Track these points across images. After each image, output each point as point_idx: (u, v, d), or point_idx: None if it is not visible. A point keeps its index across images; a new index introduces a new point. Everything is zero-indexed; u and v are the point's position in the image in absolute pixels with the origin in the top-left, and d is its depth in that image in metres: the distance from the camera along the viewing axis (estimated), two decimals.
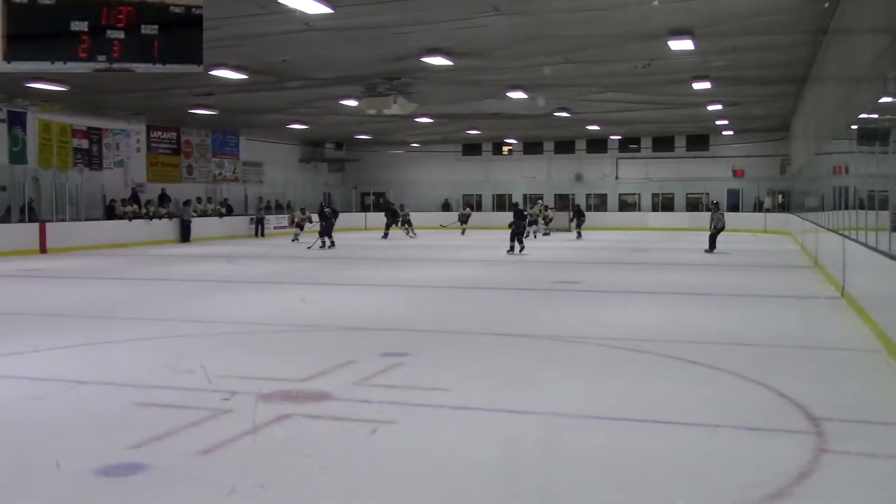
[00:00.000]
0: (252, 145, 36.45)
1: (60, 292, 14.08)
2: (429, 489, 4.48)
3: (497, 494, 4.42)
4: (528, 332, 9.36)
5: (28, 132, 25.11)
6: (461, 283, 14.71)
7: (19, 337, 9.19)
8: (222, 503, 4.24)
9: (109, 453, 4.98)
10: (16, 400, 6.47)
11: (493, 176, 41.81)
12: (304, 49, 16.44)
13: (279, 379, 6.85)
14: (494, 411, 6.01)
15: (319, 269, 17.83)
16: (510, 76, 19.97)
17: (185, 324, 10.24)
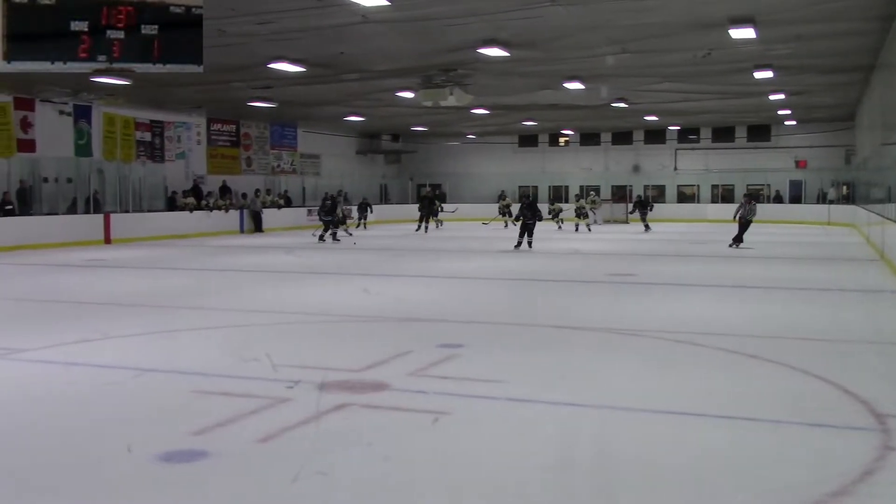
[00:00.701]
0: (310, 137, 36.80)
1: (125, 282, 14.42)
2: (486, 481, 4.49)
3: (553, 487, 4.42)
4: (583, 325, 9.31)
5: (93, 125, 25.73)
6: (517, 275, 14.68)
7: (87, 325, 9.44)
8: (286, 490, 4.31)
9: (172, 440, 5.10)
10: (83, 386, 6.65)
11: (549, 167, 41.58)
12: (361, 41, 16.54)
13: (337, 369, 6.92)
14: (550, 404, 6.00)
15: (378, 261, 17.95)
16: (567, 67, 19.83)
17: (245, 313, 10.41)
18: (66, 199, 24.63)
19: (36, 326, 9.48)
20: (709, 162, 39.01)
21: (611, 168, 40.62)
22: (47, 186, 24.21)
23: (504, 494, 4.31)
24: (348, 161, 39.73)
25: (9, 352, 7.87)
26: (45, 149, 23.93)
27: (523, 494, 4.31)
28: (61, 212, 24.09)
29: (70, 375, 7.06)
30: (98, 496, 4.31)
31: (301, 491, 4.31)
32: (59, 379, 6.94)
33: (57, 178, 24.48)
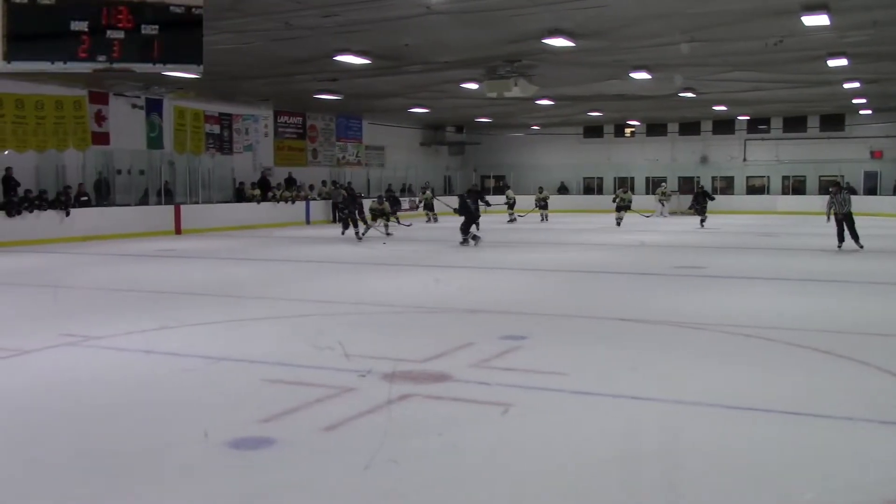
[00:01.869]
0: (375, 129, 37.04)
1: (196, 272, 14.74)
2: (552, 472, 4.49)
3: (618, 481, 4.40)
4: (648, 318, 9.21)
5: (164, 118, 26.31)
6: (581, 267, 14.58)
7: (160, 313, 9.69)
8: (358, 477, 4.37)
9: (241, 426, 5.21)
10: (156, 372, 6.84)
11: (614, 158, 41.13)
12: (426, 33, 16.57)
13: (400, 359, 6.98)
14: (614, 397, 5.96)
15: (442, 252, 18.00)
16: (633, 56, 19.57)
17: (311, 303, 10.55)
18: (138, 190, 25.27)
19: (111, 314, 9.76)
20: (779, 153, 38.13)
21: (678, 159, 40.00)
22: (121, 178, 24.86)
23: (570, 487, 4.31)
24: (412, 152, 39.89)
25: (86, 339, 8.13)
26: (118, 141, 24.56)
27: (588, 487, 4.30)
28: (134, 203, 24.71)
29: (144, 362, 7.26)
30: (169, 479, 4.43)
31: (373, 478, 4.37)
32: (133, 365, 7.14)
33: (130, 169, 25.13)
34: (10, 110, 21.54)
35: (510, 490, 4.28)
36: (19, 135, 21.85)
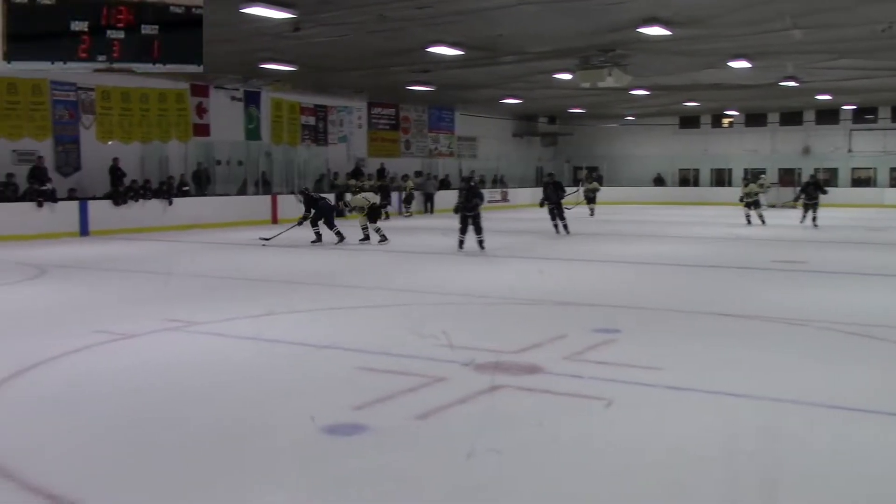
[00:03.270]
0: (467, 120, 37.08)
1: (292, 260, 15.05)
2: (648, 467, 4.43)
3: (716, 479, 4.30)
4: (746, 313, 8.97)
5: (262, 110, 26.93)
6: (677, 260, 14.31)
7: (257, 300, 9.93)
8: (460, 466, 4.41)
9: (335, 413, 5.30)
10: (252, 359, 7.02)
11: (711, 149, 40.14)
12: (519, 23, 16.48)
13: (492, 350, 6.98)
14: (710, 393, 5.83)
15: (532, 244, 17.92)
16: (732, 44, 19.04)
17: (404, 293, 10.65)
18: (237, 180, 25.95)
19: (212, 301, 10.07)
20: (887, 143, 36.55)
21: (778, 150, 38.78)
22: (220, 169, 25.57)
23: (669, 483, 4.24)
24: (504, 143, 39.79)
25: (186, 324, 8.40)
26: (218, 133, 25.26)
27: (687, 484, 4.23)
28: (233, 193, 25.39)
29: (242, 348, 7.46)
30: (264, 463, 4.53)
31: (475, 467, 4.40)
32: (231, 351, 7.35)
33: (229, 160, 25.81)
34: (118, 103, 22.39)
35: (610, 483, 4.25)
36: (125, 127, 22.71)
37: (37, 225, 18.91)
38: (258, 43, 18.05)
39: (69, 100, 21.26)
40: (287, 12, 14.59)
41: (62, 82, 20.86)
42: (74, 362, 6.86)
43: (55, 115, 20.95)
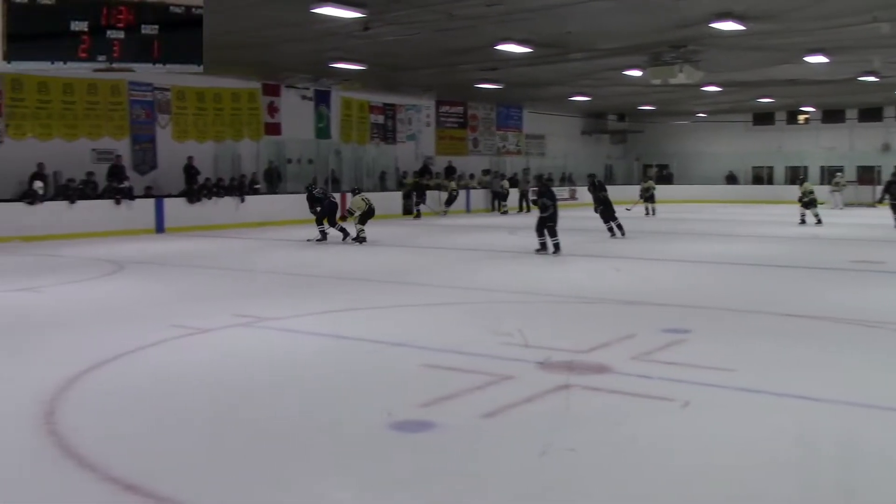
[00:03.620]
0: (535, 118, 36.91)
1: (360, 258, 15.19)
2: (721, 469, 4.37)
3: (790, 481, 4.21)
4: (820, 314, 8.75)
5: (332, 109, 27.25)
6: (749, 260, 14.02)
7: (326, 298, 10.07)
8: (534, 463, 4.41)
9: (402, 410, 5.33)
10: (323, 355, 7.12)
11: (786, 146, 39.18)
12: (588, 20, 16.34)
13: (560, 349, 6.95)
14: (783, 396, 5.71)
15: (601, 243, 17.76)
16: (809, 39, 18.55)
17: (474, 291, 10.66)
18: (307, 178, 26.27)
19: (282, 297, 10.24)
20: None
21: (856, 147, 37.65)
22: (291, 167, 25.95)
23: (743, 486, 4.17)
24: (573, 141, 39.49)
25: (257, 320, 8.55)
26: (289, 131, 25.65)
27: (762, 488, 4.15)
28: (302, 191, 25.69)
29: (311, 344, 7.57)
30: (334, 458, 4.60)
31: (549, 465, 4.40)
32: (300, 346, 7.46)
33: (300, 159, 26.18)
34: (192, 103, 22.92)
35: (684, 485, 4.20)
36: (200, 126, 23.23)
37: (114, 222, 19.47)
38: (328, 42, 18.27)
39: (146, 100, 21.84)
40: (357, 12, 14.73)
41: (140, 83, 21.44)
42: (151, 356, 7.05)
43: (132, 115, 21.55)
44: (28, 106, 19.37)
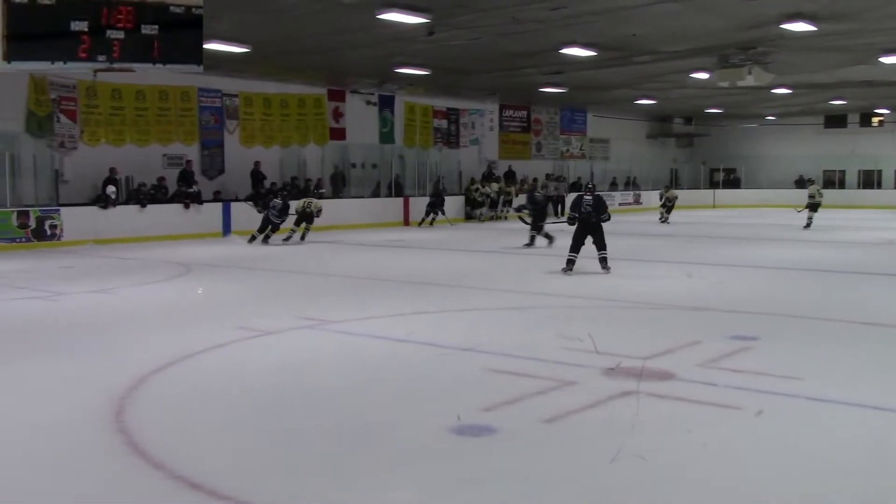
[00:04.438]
0: (599, 122, 36.61)
1: (424, 262, 15.25)
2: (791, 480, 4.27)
3: (862, 496, 4.09)
4: (891, 322, 8.48)
5: (395, 114, 27.42)
6: (818, 266, 13.68)
7: (390, 301, 10.12)
8: (604, 470, 4.38)
9: (464, 414, 5.32)
10: (385, 358, 7.15)
11: (859, 149, 38.13)
12: (654, 22, 16.15)
13: (624, 355, 6.86)
14: (855, 406, 5.54)
15: (663, 247, 17.52)
16: (885, 39, 18.03)
17: (535, 296, 10.61)
18: (371, 183, 26.52)
19: (346, 300, 10.33)
20: None
21: None
22: (355, 171, 26.20)
23: (810, 497, 4.06)
24: (638, 145, 39.05)
25: (322, 322, 8.64)
26: (353, 136, 25.90)
27: (829, 497, 4.05)
28: (367, 195, 25.97)
29: (375, 347, 7.62)
30: (395, 461, 4.61)
31: (620, 472, 4.35)
32: (364, 349, 7.51)
33: (364, 163, 26.42)
34: (259, 108, 23.30)
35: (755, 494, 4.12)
36: (266, 131, 23.60)
37: (183, 225, 19.90)
38: (393, 47, 18.39)
39: (215, 106, 22.28)
40: (422, 17, 14.81)
41: (209, 89, 21.89)
42: (217, 357, 7.18)
43: (202, 121, 22.00)
44: (102, 112, 19.92)
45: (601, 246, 12.51)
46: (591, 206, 12.39)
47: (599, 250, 12.53)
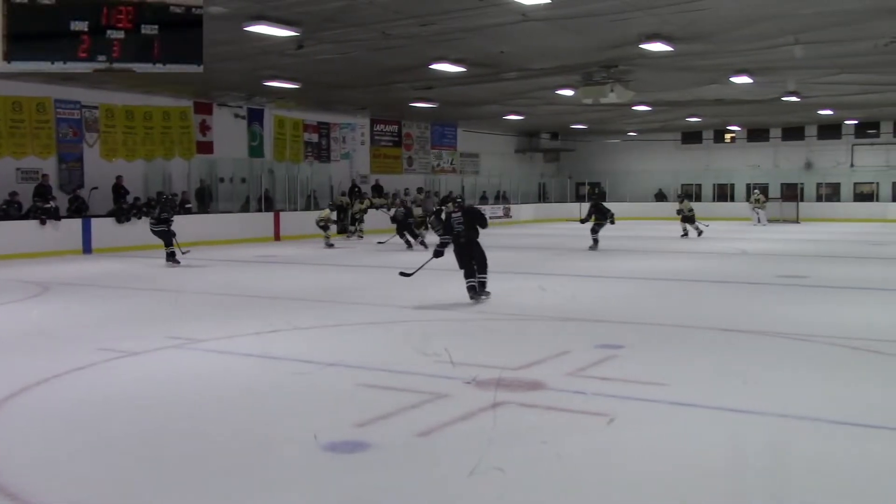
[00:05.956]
0: (469, 136, 37.17)
1: (295, 277, 15.03)
2: (655, 484, 4.40)
3: (723, 496, 4.26)
4: (750, 328, 8.94)
5: (265, 128, 27.02)
6: (678, 276, 14.28)
7: (260, 318, 9.91)
8: (462, 483, 4.38)
9: (336, 430, 5.27)
10: (255, 376, 7.00)
11: (714, 164, 40.18)
12: (522, 40, 16.55)
13: (493, 366, 6.95)
14: (715, 409, 5.80)
15: (535, 260, 17.91)
16: (735, 60, 19.08)
17: (404, 310, 10.61)
18: (239, 197, 25.99)
19: (214, 318, 10.05)
20: (890, 158, 36.60)
21: (781, 165, 38.81)
22: (223, 186, 25.63)
23: (675, 499, 4.20)
24: (507, 159, 39.86)
25: (189, 341, 8.38)
26: (221, 150, 25.34)
27: (689, 497, 4.19)
28: (235, 210, 25.42)
29: (245, 365, 7.44)
30: (267, 480, 4.50)
31: (478, 485, 4.36)
32: (234, 368, 7.33)
33: (232, 177, 25.89)
34: (121, 121, 22.48)
35: (615, 501, 4.21)
36: (129, 144, 22.79)
37: (40, 243, 18.94)
38: (262, 61, 18.13)
39: (73, 118, 21.35)
40: (290, 30, 14.66)
41: (66, 100, 20.97)
42: (79, 380, 6.84)
43: (59, 134, 21.04)
44: None
45: (482, 268, 11.24)
46: (461, 223, 11.27)
47: (480, 273, 11.23)
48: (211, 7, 13.27)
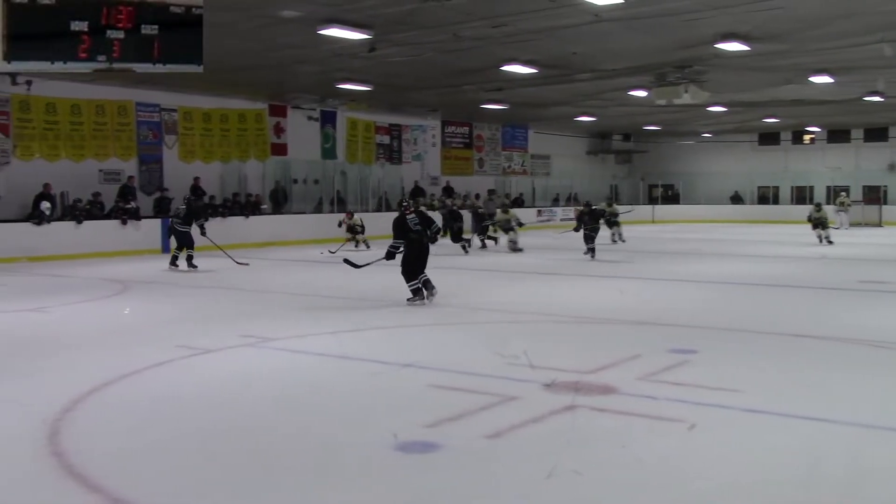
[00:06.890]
0: (540, 138, 37.00)
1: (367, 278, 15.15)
2: (729, 491, 4.33)
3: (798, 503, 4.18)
4: (827, 335, 8.70)
5: (337, 130, 27.35)
6: (755, 280, 13.97)
7: (331, 318, 10.05)
8: (539, 486, 4.37)
9: (407, 430, 5.31)
10: (327, 376, 7.09)
11: (792, 166, 39.20)
12: (594, 41, 16.42)
13: (565, 370, 6.91)
14: (790, 417, 5.67)
15: (608, 263, 17.74)
16: (814, 59, 18.60)
17: (477, 311, 10.62)
18: (312, 199, 26.36)
19: (287, 318, 10.23)
20: None
21: (862, 167, 37.64)
22: (297, 187, 26.04)
23: None
24: (578, 161, 39.57)
25: (263, 340, 8.54)
26: (295, 152, 25.75)
27: None
28: (308, 211, 25.80)
29: (316, 364, 7.55)
30: (338, 479, 4.57)
31: (555, 487, 4.35)
32: (306, 367, 7.45)
33: (305, 179, 26.27)
34: (199, 123, 23.03)
35: None
36: (206, 146, 23.33)
37: (121, 242, 19.51)
38: (334, 63, 18.36)
39: (153, 120, 21.95)
40: (363, 33, 14.82)
41: (147, 103, 21.57)
42: (156, 376, 7.04)
43: (140, 136, 21.65)
44: (36, 127, 19.48)
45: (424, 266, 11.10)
46: (418, 224, 11.11)
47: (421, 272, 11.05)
48: (285, 11, 13.54)
